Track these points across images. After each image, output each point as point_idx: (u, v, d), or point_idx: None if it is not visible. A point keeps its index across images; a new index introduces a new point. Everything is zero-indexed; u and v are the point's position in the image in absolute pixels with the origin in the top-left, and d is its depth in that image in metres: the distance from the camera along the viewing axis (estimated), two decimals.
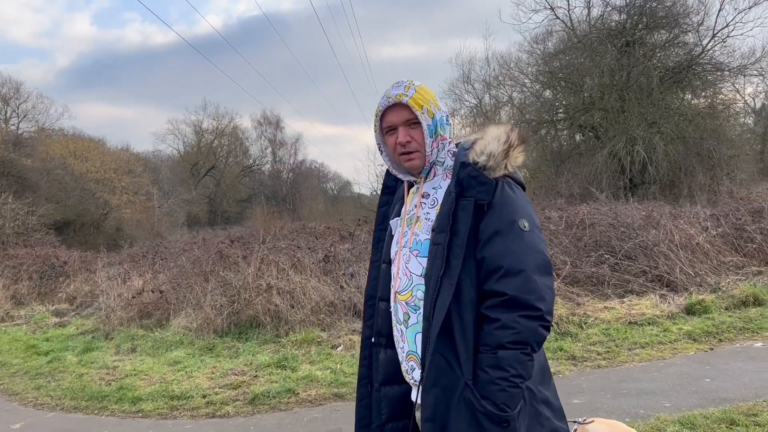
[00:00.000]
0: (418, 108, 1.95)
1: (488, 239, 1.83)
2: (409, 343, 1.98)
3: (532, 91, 22.34)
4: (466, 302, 1.83)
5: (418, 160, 2.00)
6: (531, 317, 1.77)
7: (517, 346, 1.76)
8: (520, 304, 1.77)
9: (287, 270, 7.95)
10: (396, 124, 1.99)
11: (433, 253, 1.87)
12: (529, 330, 1.77)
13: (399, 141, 1.98)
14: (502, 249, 1.81)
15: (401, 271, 2.01)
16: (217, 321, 7.43)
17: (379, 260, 2.19)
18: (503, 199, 1.86)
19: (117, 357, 7.17)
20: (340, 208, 35.40)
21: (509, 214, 1.84)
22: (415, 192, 2.07)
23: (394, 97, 1.96)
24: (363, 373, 2.18)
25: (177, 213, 41.73)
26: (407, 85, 1.99)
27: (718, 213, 10.00)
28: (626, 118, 17.94)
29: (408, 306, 1.98)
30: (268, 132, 58.39)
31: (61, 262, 13.39)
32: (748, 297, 7.34)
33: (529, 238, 1.83)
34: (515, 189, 1.92)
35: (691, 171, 17.07)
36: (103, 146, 39.09)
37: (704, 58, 18.83)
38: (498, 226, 1.83)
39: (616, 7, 19.55)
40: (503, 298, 1.78)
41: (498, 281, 1.80)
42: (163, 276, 9.40)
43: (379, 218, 2.24)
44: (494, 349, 1.77)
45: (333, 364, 6.21)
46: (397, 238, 2.09)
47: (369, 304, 2.21)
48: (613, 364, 5.87)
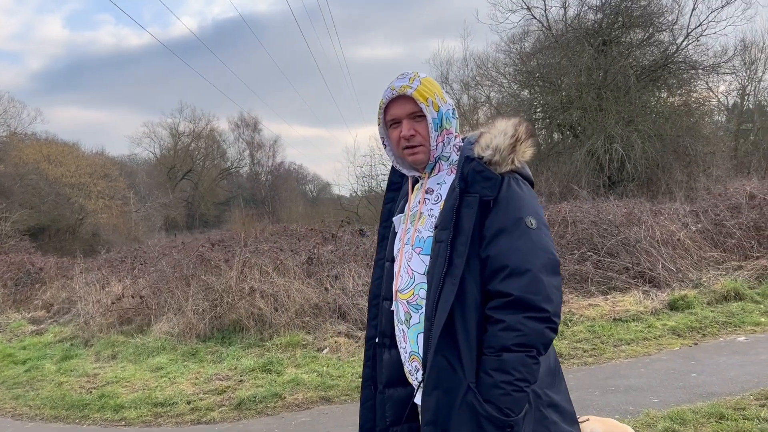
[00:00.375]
0: (423, 100, 1.88)
1: (493, 237, 1.76)
2: (411, 343, 1.93)
3: (509, 91, 22.47)
4: (470, 302, 1.76)
5: (423, 154, 1.93)
6: (537, 319, 1.70)
7: (523, 348, 1.69)
8: (526, 305, 1.70)
9: (270, 273, 7.85)
10: (400, 117, 1.92)
11: (436, 251, 1.81)
12: (535, 332, 1.70)
13: (403, 134, 1.91)
14: (507, 247, 1.74)
15: (403, 269, 1.95)
16: (200, 326, 7.31)
17: (383, 258, 2.13)
18: (509, 195, 1.79)
19: (97, 364, 7.02)
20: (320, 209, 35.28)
21: (515, 210, 1.77)
22: (419, 188, 2.00)
23: (399, 89, 1.89)
24: (367, 374, 2.12)
25: (154, 217, 41.26)
26: (412, 76, 1.92)
27: (698, 209, 10.11)
28: (604, 116, 18.11)
29: (410, 305, 1.92)
30: (246, 134, 58.07)
31: (36, 268, 13.10)
32: (729, 292, 7.42)
33: (536, 236, 1.76)
34: (522, 185, 1.85)
35: (668, 168, 17.29)
36: (78, 150, 38.54)
37: (679, 57, 19.11)
38: (503, 224, 1.76)
39: (592, 6, 19.77)
40: (508, 298, 1.71)
41: (503, 281, 1.73)
42: (142, 281, 9.24)
43: (384, 215, 2.18)
44: (498, 352, 1.71)
45: (319, 367, 6.15)
46: (399, 235, 2.02)
47: (373, 304, 2.14)
48: (600, 361, 5.88)
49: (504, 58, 22.34)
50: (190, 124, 53.89)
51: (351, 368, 6.05)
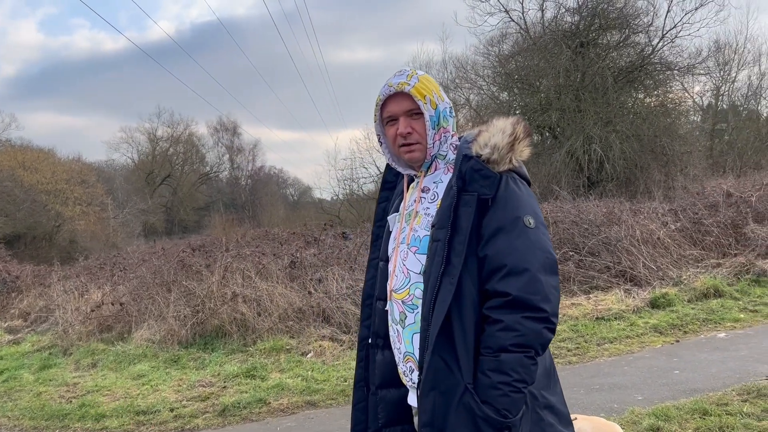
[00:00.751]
0: (421, 98, 1.86)
1: (491, 236, 1.74)
2: (405, 344, 1.90)
3: (489, 93, 22.59)
4: (467, 302, 1.74)
5: (419, 152, 1.91)
6: (535, 319, 1.69)
7: (521, 349, 1.68)
8: (524, 305, 1.69)
9: (253, 277, 7.79)
10: (397, 114, 1.90)
11: (433, 250, 1.78)
12: (533, 332, 1.68)
13: (399, 132, 1.89)
14: (505, 247, 1.72)
15: (398, 269, 1.92)
16: (182, 332, 7.22)
17: (376, 258, 2.11)
18: (507, 194, 1.77)
19: (77, 373, 6.89)
20: (301, 213, 35.12)
21: (514, 209, 1.75)
22: (414, 186, 1.98)
23: (396, 85, 1.87)
24: (359, 375, 2.09)
25: (133, 223, 40.77)
26: (410, 73, 1.90)
27: (676, 208, 10.25)
28: (582, 117, 18.29)
29: (405, 305, 1.90)
30: (225, 139, 57.67)
31: (12, 276, 12.86)
32: (708, 289, 7.53)
33: (535, 235, 1.74)
34: (520, 184, 1.83)
35: (646, 168, 17.52)
36: (54, 156, 37.97)
37: (655, 58, 19.40)
38: (502, 223, 1.74)
39: (569, 9, 20.00)
40: (506, 298, 1.70)
41: (501, 281, 1.71)
42: (122, 288, 9.11)
43: (378, 215, 2.15)
44: (496, 352, 1.69)
45: (304, 371, 6.10)
46: (394, 234, 2.00)
47: (366, 304, 2.11)
48: (584, 360, 5.92)
49: (483, 60, 22.49)
50: (169, 128, 53.40)
51: (336, 372, 6.01)
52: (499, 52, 21.75)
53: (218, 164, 58.55)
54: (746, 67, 24.16)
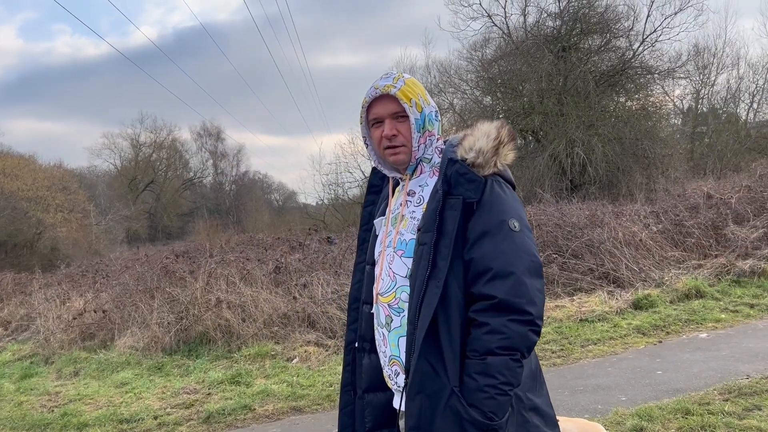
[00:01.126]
0: (407, 101, 1.87)
1: (477, 240, 1.76)
2: (391, 347, 1.91)
3: (472, 97, 22.69)
4: (453, 305, 1.76)
5: (404, 155, 1.91)
6: (521, 322, 1.70)
7: (507, 351, 1.69)
8: (510, 307, 1.70)
9: (237, 283, 7.75)
10: (382, 117, 1.90)
11: (419, 254, 1.79)
12: (519, 335, 1.70)
13: (385, 134, 1.89)
14: (491, 250, 1.73)
15: (384, 272, 1.93)
16: (165, 339, 7.17)
17: (363, 262, 2.11)
18: (493, 197, 1.79)
19: (59, 382, 6.81)
20: (286, 218, 35.01)
21: (499, 213, 1.77)
22: (400, 190, 1.99)
23: (382, 88, 1.88)
24: (346, 379, 2.10)
25: (116, 230, 40.39)
26: (396, 76, 1.91)
27: (658, 210, 10.35)
28: (565, 121, 18.44)
29: (391, 308, 1.91)
30: (209, 144, 57.33)
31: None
32: (690, 290, 7.61)
33: (520, 239, 1.76)
34: (505, 188, 1.85)
35: (628, 170, 17.68)
36: (35, 163, 37.48)
37: (635, 62, 19.61)
38: (487, 226, 1.76)
39: (551, 13, 20.16)
40: (492, 301, 1.71)
41: (487, 284, 1.72)
42: (105, 295, 9.03)
43: (363, 218, 2.16)
44: (483, 355, 1.70)
45: (289, 377, 6.08)
46: (381, 238, 2.00)
47: (353, 308, 2.12)
48: (568, 362, 5.95)
49: (466, 65, 22.58)
50: (152, 134, 52.97)
51: (321, 377, 6.00)
52: (482, 57, 21.88)
53: (202, 170, 58.23)
54: (725, 70, 24.49)
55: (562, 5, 19.81)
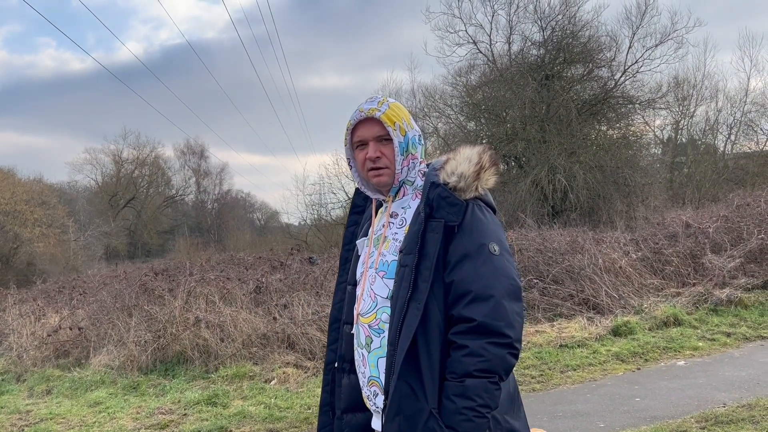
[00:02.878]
0: (391, 124, 1.91)
1: (457, 262, 1.78)
2: (371, 367, 1.91)
3: (456, 122, 22.92)
4: (433, 327, 1.77)
5: (387, 177, 1.95)
6: (499, 344, 1.72)
7: (485, 374, 1.71)
8: (489, 330, 1.72)
9: (217, 302, 7.68)
10: (367, 139, 1.94)
11: (401, 275, 1.81)
12: (497, 358, 1.71)
13: (369, 156, 1.93)
14: (471, 273, 1.76)
15: (366, 293, 1.94)
16: (142, 358, 7.05)
17: (345, 281, 2.13)
18: (474, 221, 1.82)
19: (30, 400, 6.66)
20: (268, 238, 34.82)
21: (479, 237, 1.80)
22: (383, 211, 2.02)
23: (367, 111, 1.92)
24: (325, 399, 2.10)
25: (94, 246, 39.85)
26: (381, 100, 1.95)
27: (637, 237, 10.47)
28: (547, 148, 18.67)
29: (371, 329, 1.92)
30: (192, 161, 57.03)
31: None
32: (669, 318, 7.68)
33: (499, 262, 1.79)
34: (486, 212, 1.88)
35: (609, 198, 17.90)
36: (14, 177, 36.97)
37: (617, 92, 20.00)
38: (467, 249, 1.78)
39: (535, 42, 20.53)
40: (472, 324, 1.73)
41: (466, 306, 1.74)
42: (81, 312, 8.88)
43: (346, 238, 2.17)
44: (461, 377, 1.71)
45: (267, 398, 6.00)
46: (363, 258, 2.02)
47: (333, 328, 2.12)
48: (547, 387, 5.96)
49: (451, 90, 22.84)
50: (134, 150, 52.54)
51: (300, 399, 5.93)
52: (466, 83, 22.15)
53: (184, 187, 57.85)
54: (704, 102, 24.99)
55: (546, 34, 20.20)
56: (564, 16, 20.02)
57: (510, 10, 20.56)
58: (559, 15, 20.03)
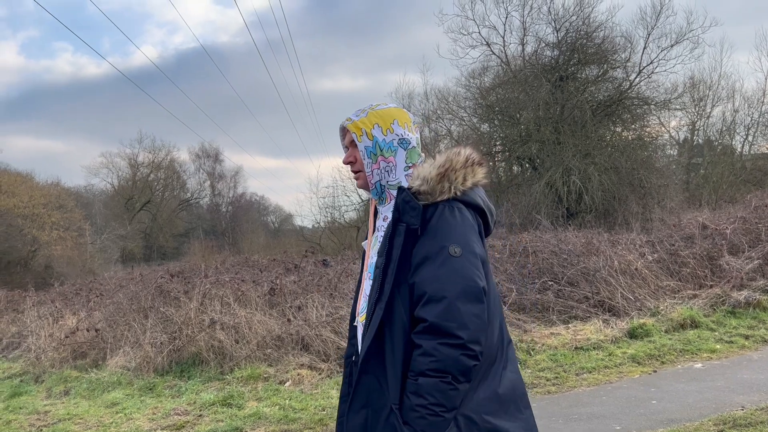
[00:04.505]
0: (356, 131, 2.01)
1: (419, 265, 1.85)
2: None
3: (470, 124, 22.88)
4: (398, 327, 1.85)
5: (362, 179, 2.06)
6: (451, 345, 1.75)
7: (438, 374, 1.75)
8: (440, 331, 1.76)
9: (231, 304, 7.72)
10: (345, 146, 2.10)
11: (374, 277, 1.92)
12: (449, 358, 1.75)
13: (343, 160, 2.09)
14: (429, 275, 1.82)
15: (363, 293, 2.06)
16: (158, 359, 7.11)
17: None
18: (438, 224, 1.87)
19: (49, 401, 6.74)
20: (282, 241, 34.94)
21: (441, 239, 1.84)
22: (378, 216, 2.13)
23: (343, 122, 2.07)
24: (344, 390, 2.17)
25: (111, 249, 40.24)
26: (363, 109, 2.07)
27: (653, 239, 10.38)
28: (561, 149, 18.57)
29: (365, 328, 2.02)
30: (207, 165, 57.42)
31: None
32: (685, 320, 7.60)
33: (459, 263, 1.81)
34: (458, 212, 1.90)
35: (624, 199, 17.76)
36: (32, 181, 37.44)
37: (632, 93, 19.83)
38: (428, 252, 1.84)
39: (549, 43, 20.41)
40: (425, 324, 1.79)
41: (422, 307, 1.81)
42: (98, 314, 8.97)
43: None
44: (416, 376, 1.79)
45: (281, 400, 6.02)
46: (364, 260, 2.15)
47: (353, 324, 2.21)
48: (563, 390, 5.92)
49: (464, 92, 22.81)
50: (150, 154, 53.00)
51: (314, 401, 5.95)
52: (480, 84, 22.11)
53: (199, 190, 58.24)
54: (720, 103, 24.79)
55: (560, 36, 20.10)
56: (578, 17, 19.91)
57: (524, 11, 20.51)
58: (573, 16, 19.93)
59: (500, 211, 17.54)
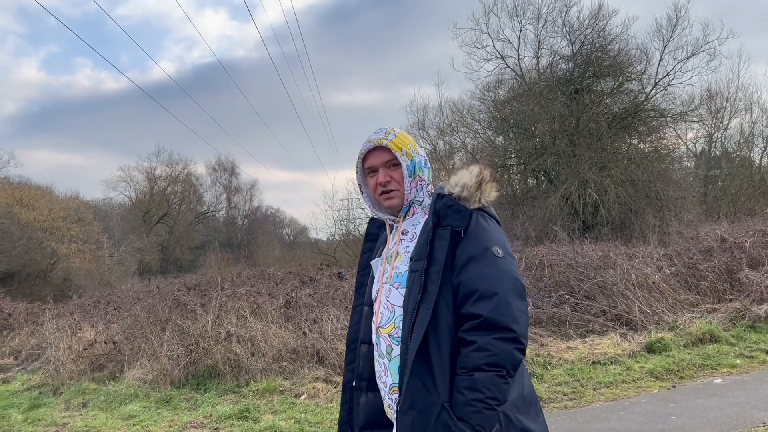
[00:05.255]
0: (398, 150, 2.09)
1: (464, 265, 1.92)
2: (392, 375, 2.02)
3: (484, 137, 22.89)
4: (443, 326, 1.90)
5: (397, 199, 2.11)
6: (505, 339, 1.84)
7: (493, 368, 1.82)
8: (495, 325, 1.84)
9: (247, 316, 7.75)
10: (377, 166, 2.12)
11: (411, 280, 1.96)
12: (504, 352, 1.83)
13: (379, 181, 2.10)
14: (476, 274, 1.89)
15: (383, 306, 2.07)
16: (174, 372, 7.14)
17: (361, 304, 2.26)
18: (478, 228, 1.97)
19: (67, 413, 6.79)
20: (297, 253, 35.04)
21: (483, 241, 1.94)
22: (395, 231, 2.16)
23: (375, 141, 2.10)
24: (344, 417, 2.21)
25: (128, 262, 40.63)
26: (387, 130, 2.13)
27: (671, 252, 10.28)
28: (577, 162, 18.49)
29: (391, 338, 2.03)
30: (223, 178, 58.00)
31: (5, 314, 12.75)
32: (704, 334, 7.51)
33: (503, 263, 1.92)
34: (489, 221, 2.03)
35: (641, 212, 17.62)
36: (51, 194, 38.03)
37: (648, 105, 19.72)
38: (473, 253, 1.92)
39: (564, 56, 20.40)
40: (479, 320, 1.85)
41: (473, 304, 1.87)
42: (116, 326, 9.04)
43: (361, 264, 2.33)
44: (470, 371, 1.83)
45: (297, 413, 6.02)
46: (378, 276, 2.16)
47: (351, 348, 2.26)
48: (580, 405, 5.87)
49: (479, 105, 22.82)
50: (167, 168, 53.67)
51: (329, 414, 5.94)
52: (494, 97, 22.12)
53: (215, 203, 58.78)
54: (738, 115, 24.57)
55: (575, 48, 20.08)
56: (593, 30, 19.89)
57: (538, 24, 20.53)
58: (588, 29, 19.92)
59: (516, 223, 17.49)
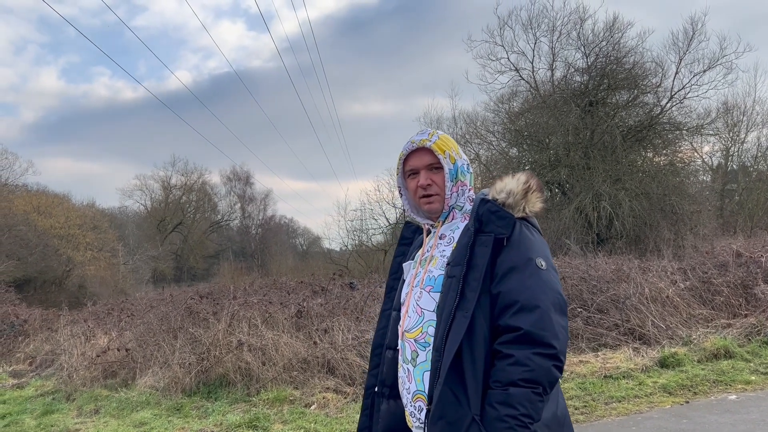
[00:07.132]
0: (441, 152, 2.00)
1: (504, 274, 1.83)
2: (416, 382, 1.95)
3: (498, 149, 22.88)
4: (479, 337, 1.81)
5: (438, 203, 2.03)
6: (545, 355, 1.75)
7: (530, 384, 1.73)
8: (535, 340, 1.75)
9: (259, 325, 7.78)
10: (418, 168, 2.04)
11: (447, 286, 1.87)
12: (542, 369, 1.74)
13: (420, 183, 2.02)
14: (518, 285, 1.81)
15: (411, 309, 2.00)
16: (186, 380, 7.18)
17: (389, 309, 2.19)
18: (521, 237, 1.88)
19: (79, 419, 6.84)
20: (310, 263, 35.12)
21: (527, 251, 1.86)
22: (432, 236, 2.09)
23: (418, 142, 2.03)
24: (363, 423, 2.15)
25: (142, 270, 40.91)
26: (431, 132, 2.06)
27: (686, 266, 10.19)
28: (591, 174, 18.42)
29: (417, 343, 1.96)
30: (238, 188, 58.35)
31: (20, 320, 12.91)
32: (719, 350, 7.41)
33: (546, 276, 1.83)
34: (533, 231, 1.94)
35: (655, 226, 17.49)
36: (68, 202, 38.48)
37: (663, 118, 19.62)
38: (515, 262, 1.84)
39: (579, 69, 20.39)
40: (518, 333, 1.76)
41: (513, 316, 1.78)
42: (129, 333, 9.11)
43: (393, 268, 2.25)
44: (505, 386, 1.74)
45: (307, 423, 6.02)
46: (408, 280, 2.09)
47: (376, 353, 2.19)
48: (591, 419, 5.82)
49: (493, 117, 22.87)
50: (182, 177, 54.13)
51: (339, 425, 5.94)
52: (509, 109, 22.15)
53: (230, 213, 59.10)
54: (755, 128, 24.40)
55: (589, 61, 20.06)
56: (608, 43, 19.87)
57: (553, 37, 20.57)
58: (603, 41, 19.90)
59: None
